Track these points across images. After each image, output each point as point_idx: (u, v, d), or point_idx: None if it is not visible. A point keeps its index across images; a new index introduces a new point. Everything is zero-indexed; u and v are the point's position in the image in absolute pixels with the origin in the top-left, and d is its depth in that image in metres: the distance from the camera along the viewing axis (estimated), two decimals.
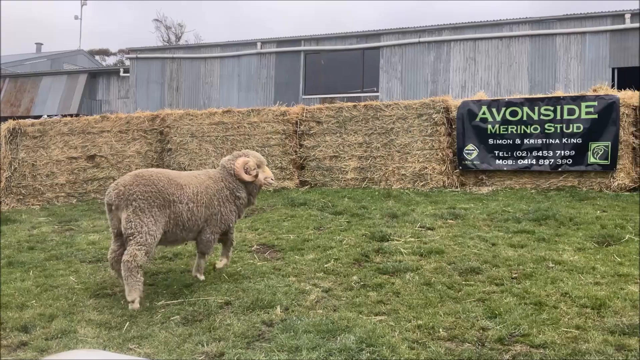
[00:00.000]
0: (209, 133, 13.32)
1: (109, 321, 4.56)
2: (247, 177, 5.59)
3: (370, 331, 4.00)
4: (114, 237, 5.28)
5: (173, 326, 4.39)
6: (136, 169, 13.47)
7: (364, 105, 12.52)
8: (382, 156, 12.27)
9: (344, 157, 12.56)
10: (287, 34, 25.80)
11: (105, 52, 57.16)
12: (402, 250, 6.53)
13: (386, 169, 12.22)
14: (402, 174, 12.06)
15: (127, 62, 31.41)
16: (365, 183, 12.35)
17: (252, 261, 6.37)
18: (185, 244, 6.48)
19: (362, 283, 5.34)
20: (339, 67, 24.44)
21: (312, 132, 12.85)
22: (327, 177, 12.70)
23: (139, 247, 4.90)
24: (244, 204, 5.81)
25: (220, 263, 5.92)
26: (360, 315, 4.43)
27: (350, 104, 12.85)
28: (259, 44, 25.13)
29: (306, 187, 12.72)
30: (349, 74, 24.22)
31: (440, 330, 4.06)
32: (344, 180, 12.53)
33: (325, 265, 6.01)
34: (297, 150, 12.96)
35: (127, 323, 4.50)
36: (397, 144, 12.13)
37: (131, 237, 4.92)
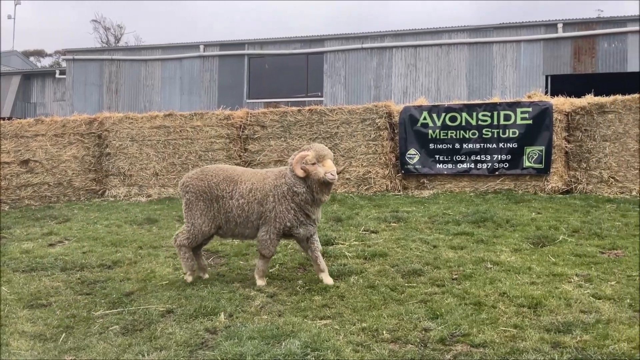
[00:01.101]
0: (150, 137, 13.02)
1: (44, 333, 4.37)
2: (299, 172, 5.22)
3: (315, 335, 4.00)
4: None
5: (112, 336, 4.25)
6: (72, 174, 13.04)
7: (309, 109, 12.57)
8: None
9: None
10: (231, 38, 25.54)
11: (40, 53, 54.85)
12: (347, 253, 6.58)
13: None
14: (347, 178, 12.17)
15: (64, 64, 30.31)
16: None
17: None
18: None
19: (307, 287, 5.34)
20: (283, 72, 24.43)
21: (256, 136, 12.78)
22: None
23: (183, 231, 5.62)
24: (306, 200, 5.31)
25: (326, 278, 5.48)
26: (305, 320, 4.43)
27: (294, 108, 12.87)
28: (201, 47, 24.81)
29: None
30: (293, 78, 24.26)
31: (384, 332, 4.11)
32: None
33: (270, 271, 5.98)
34: (242, 154, 12.86)
35: (63, 334, 4.32)
36: (342, 149, 12.24)
37: (186, 225, 5.63)
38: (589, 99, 10.97)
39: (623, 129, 10.57)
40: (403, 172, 11.93)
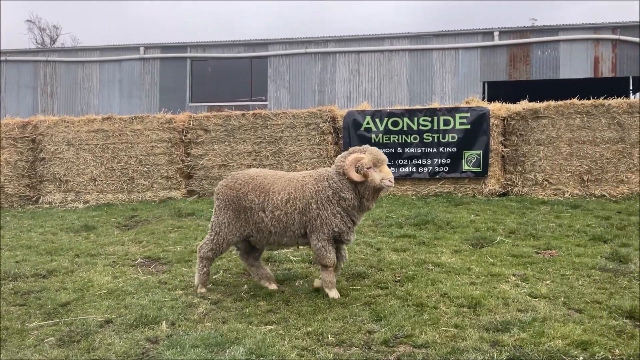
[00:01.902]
0: (87, 141, 12.58)
1: None
2: (355, 177, 4.86)
3: (260, 341, 3.96)
4: None
5: (47, 349, 4.06)
6: (5, 180, 12.44)
7: (253, 113, 12.50)
8: (272, 165, 12.30)
9: (233, 166, 12.44)
10: (173, 40, 25.07)
11: None
12: (292, 258, 6.57)
13: None
14: None
15: None
16: None
17: (135, 275, 6.08)
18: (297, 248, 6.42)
19: (252, 293, 5.29)
20: (227, 75, 24.20)
21: (199, 140, 12.59)
22: (216, 186, 12.47)
23: (207, 241, 5.34)
24: (353, 206, 4.98)
25: (318, 281, 5.27)
26: (250, 326, 4.38)
27: (238, 112, 12.77)
28: (142, 49, 24.24)
29: (194, 196, 12.42)
30: (237, 82, 24.08)
31: (329, 336, 4.12)
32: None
33: (214, 277, 5.89)
34: (184, 159, 12.63)
35: None
36: (286, 153, 12.24)
37: (210, 233, 5.36)
38: (523, 105, 11.43)
39: (556, 134, 11.07)
40: None
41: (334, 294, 5.03)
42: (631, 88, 22.51)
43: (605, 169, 10.90)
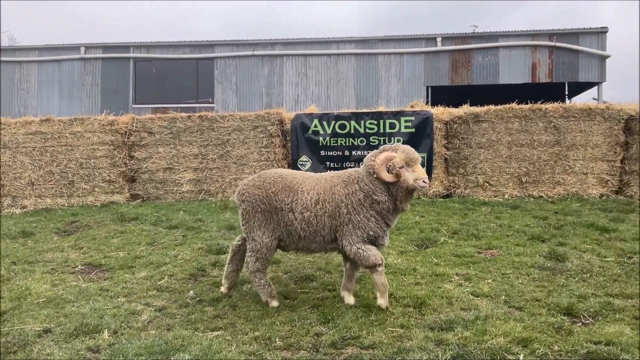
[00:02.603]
0: (24, 144, 12.07)
1: None
2: (387, 177, 4.56)
3: (207, 348, 3.91)
4: None
5: None
6: None
7: (199, 116, 12.32)
8: (219, 168, 12.16)
9: (179, 169, 12.22)
10: (115, 40, 24.40)
11: None
12: None
13: (223, 181, 12.14)
14: None
15: None
16: (201, 195, 12.12)
17: (75, 283, 5.87)
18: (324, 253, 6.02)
19: (198, 298, 5.20)
20: (172, 77, 23.76)
21: (143, 143, 12.30)
22: (161, 189, 12.24)
23: (250, 253, 4.96)
24: (387, 209, 4.66)
25: (350, 297, 4.92)
26: (196, 333, 4.31)
27: (184, 114, 12.56)
28: (82, 49, 23.48)
29: (138, 200, 12.12)
30: (182, 83, 23.68)
31: (277, 339, 4.11)
32: (179, 193, 12.18)
33: (159, 283, 5.76)
34: (127, 162, 12.31)
35: None
36: (234, 156, 12.13)
37: (247, 241, 5.01)
38: (465, 109, 11.75)
39: (496, 137, 11.43)
40: None
41: (384, 301, 4.65)
42: (567, 93, 23.54)
43: (542, 171, 11.35)
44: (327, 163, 11.91)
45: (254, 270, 4.93)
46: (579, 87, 24.14)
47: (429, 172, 11.54)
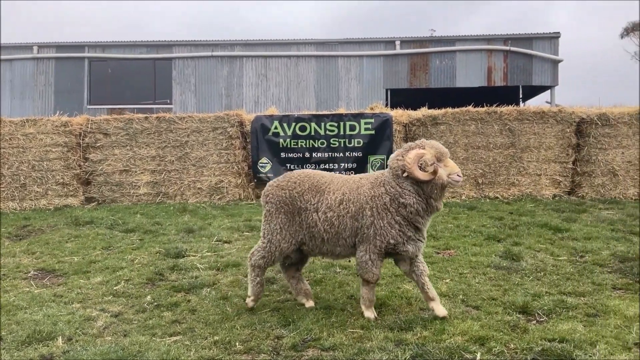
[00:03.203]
0: None
1: None
2: (422, 176, 4.25)
3: (164, 353, 3.83)
4: None
5: None
6: None
7: (157, 117, 12.11)
8: (177, 170, 11.98)
9: (136, 171, 11.98)
10: (69, 39, 23.78)
11: None
12: (199, 265, 6.42)
13: (181, 183, 11.96)
14: (198, 188, 11.91)
15: None
16: (159, 198, 11.91)
17: (28, 289, 5.67)
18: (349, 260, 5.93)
19: (155, 303, 5.10)
20: (128, 77, 23.29)
21: (99, 144, 12.00)
22: (117, 192, 11.97)
23: (259, 249, 4.80)
24: (415, 212, 4.35)
25: (438, 308, 4.47)
26: (153, 338, 4.22)
27: (141, 115, 12.33)
28: (35, 48, 22.78)
29: (93, 204, 11.82)
30: (139, 84, 23.24)
31: (237, 343, 4.07)
32: (136, 196, 11.94)
33: (115, 288, 5.62)
34: (82, 164, 11.99)
35: None
36: (193, 158, 11.97)
37: (262, 240, 4.81)
38: (423, 112, 11.93)
39: (453, 139, 11.64)
40: (256, 180, 11.98)
41: (369, 314, 4.50)
42: (521, 96, 24.20)
43: (498, 172, 11.62)
44: (288, 165, 11.88)
45: (255, 265, 4.78)
46: (532, 91, 24.87)
47: None
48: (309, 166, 11.82)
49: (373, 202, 4.41)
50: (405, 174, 4.33)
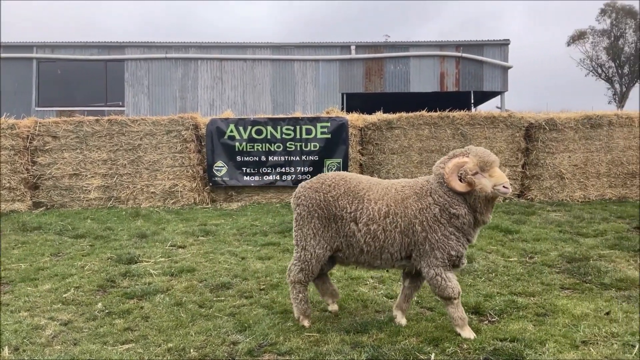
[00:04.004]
0: None
1: None
2: (459, 187, 4.00)
3: None
4: None
5: None
6: None
7: (108, 119, 11.82)
8: (130, 173, 11.72)
9: (86, 175, 11.65)
10: (17, 39, 22.97)
11: None
12: (152, 271, 6.29)
13: (134, 187, 11.70)
14: (152, 192, 11.68)
15: None
16: (111, 202, 11.62)
17: None
18: (387, 270, 5.59)
19: (107, 311, 4.97)
20: (79, 78, 22.68)
21: (47, 148, 11.62)
22: (67, 197, 11.61)
23: (295, 262, 4.44)
24: (468, 223, 4.07)
25: (403, 320, 4.38)
26: (105, 347, 4.11)
27: (92, 117, 12.00)
28: None
29: (41, 209, 11.43)
30: (90, 86, 22.67)
31: (191, 350, 4.00)
32: (87, 200, 11.61)
33: (64, 295, 5.45)
34: (30, 168, 11.58)
35: None
36: (146, 161, 11.73)
37: (295, 249, 4.46)
38: (378, 116, 12.07)
39: (407, 143, 11.82)
40: (211, 184, 11.84)
41: (467, 333, 4.11)
42: (472, 102, 24.81)
43: None
44: (244, 169, 11.80)
45: (295, 280, 4.42)
46: (483, 96, 25.55)
47: None
48: (264, 170, 11.77)
49: (422, 216, 4.09)
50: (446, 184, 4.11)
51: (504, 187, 3.90)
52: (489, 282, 5.67)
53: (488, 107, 28.68)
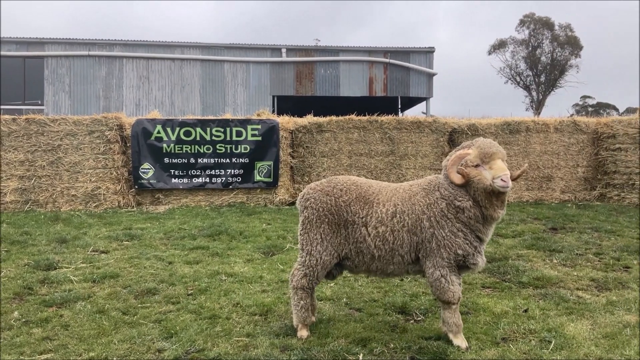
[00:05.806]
0: None
1: None
2: (455, 178, 3.88)
3: None
4: None
5: None
6: None
7: (26, 119, 11.22)
8: (49, 175, 11.18)
9: (2, 177, 11.00)
10: None
11: None
12: (73, 277, 6.02)
13: (54, 190, 11.16)
14: (73, 195, 11.19)
15: None
16: (28, 206, 11.03)
17: None
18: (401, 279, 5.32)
19: (24, 320, 4.71)
20: None
21: None
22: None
23: (298, 266, 4.26)
24: (475, 218, 3.87)
25: (458, 343, 3.99)
26: (21, 357, 3.90)
27: (8, 117, 11.36)
28: None
29: None
30: (7, 83, 21.43)
31: (114, 359, 3.87)
32: (2, 204, 10.98)
33: None
34: None
35: None
36: (66, 162, 11.23)
37: (300, 254, 4.27)
38: (309, 119, 12.16)
39: (337, 146, 11.98)
40: (137, 187, 11.48)
41: (460, 341, 3.98)
42: (400, 107, 25.46)
43: (379, 178, 12.11)
44: (172, 171, 11.54)
45: (297, 286, 4.23)
46: (410, 102, 26.29)
47: (275, 180, 11.73)
48: (193, 172, 11.56)
49: (429, 211, 3.96)
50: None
51: (501, 179, 3.75)
52: (415, 282, 5.83)
53: (414, 112, 29.55)
